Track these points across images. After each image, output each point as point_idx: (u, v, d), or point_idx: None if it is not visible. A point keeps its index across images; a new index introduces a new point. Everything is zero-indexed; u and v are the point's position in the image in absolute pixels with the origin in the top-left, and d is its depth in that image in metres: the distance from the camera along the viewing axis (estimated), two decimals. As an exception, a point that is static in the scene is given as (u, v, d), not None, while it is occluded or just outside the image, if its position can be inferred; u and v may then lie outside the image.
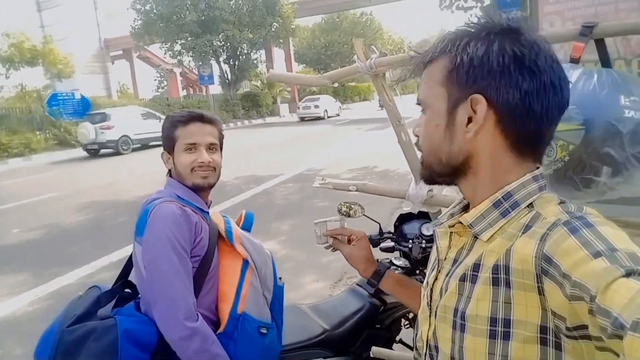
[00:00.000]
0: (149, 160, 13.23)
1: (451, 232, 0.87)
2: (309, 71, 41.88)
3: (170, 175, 1.62)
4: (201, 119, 1.57)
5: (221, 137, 1.64)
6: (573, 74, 1.19)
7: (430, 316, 0.88)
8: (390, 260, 2.37)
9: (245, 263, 1.54)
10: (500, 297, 0.72)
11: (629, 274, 0.56)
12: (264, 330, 1.54)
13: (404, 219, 2.44)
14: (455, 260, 0.84)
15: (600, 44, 1.24)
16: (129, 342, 1.35)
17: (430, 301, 0.88)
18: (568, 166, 1.20)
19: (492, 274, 0.73)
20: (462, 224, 0.82)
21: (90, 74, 29.82)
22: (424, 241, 2.25)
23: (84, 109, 20.06)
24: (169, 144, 1.58)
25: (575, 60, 1.23)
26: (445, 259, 0.87)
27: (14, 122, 18.06)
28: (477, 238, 0.80)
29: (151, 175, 10.34)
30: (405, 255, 2.35)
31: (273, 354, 1.64)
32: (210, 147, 1.57)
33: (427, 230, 2.29)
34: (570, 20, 3.37)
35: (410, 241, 2.26)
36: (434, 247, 0.91)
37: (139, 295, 1.60)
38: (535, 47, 0.74)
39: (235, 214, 1.74)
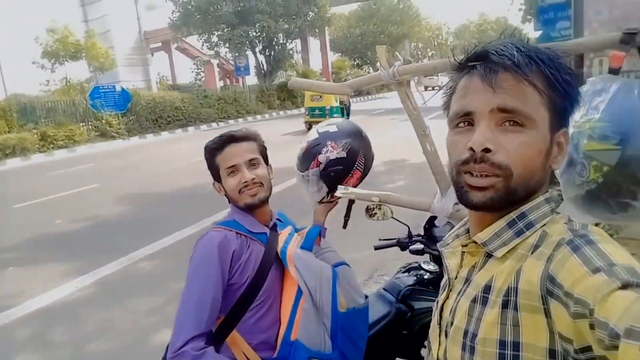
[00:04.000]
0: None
1: (463, 252, 0.86)
2: (344, 60, 41.58)
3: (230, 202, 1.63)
4: (234, 139, 1.56)
5: (262, 149, 1.63)
6: (611, 87, 1.10)
7: (440, 335, 0.88)
8: (419, 264, 2.31)
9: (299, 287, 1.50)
10: (508, 320, 0.72)
11: (625, 286, 0.57)
12: None
13: (434, 221, 2.37)
14: (466, 279, 0.83)
15: (642, 53, 1.14)
16: None
17: (440, 320, 0.88)
18: (602, 188, 1.11)
19: (503, 297, 0.73)
20: (476, 243, 0.81)
21: (131, 66, 30.46)
22: (455, 244, 2.19)
23: (125, 101, 20.57)
24: (214, 173, 1.60)
25: (614, 71, 1.13)
26: (457, 277, 0.86)
27: (59, 115, 18.71)
28: (489, 257, 0.80)
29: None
30: (435, 259, 2.29)
31: None
32: (251, 163, 1.56)
33: (458, 232, 2.22)
34: (618, 7, 3.14)
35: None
36: (444, 267, 0.90)
37: None
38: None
39: (272, 207, 1.73)
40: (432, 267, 2.26)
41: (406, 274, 2.31)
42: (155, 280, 4.70)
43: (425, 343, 1.14)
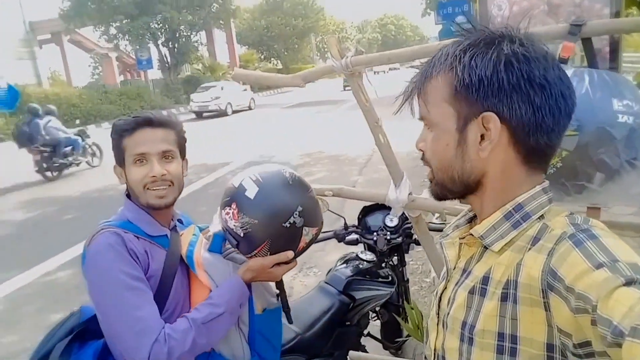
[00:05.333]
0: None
1: (460, 243, 0.88)
2: (252, 53, 41.16)
3: (128, 195, 1.39)
4: (150, 123, 1.32)
5: (181, 141, 1.40)
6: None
7: (438, 324, 0.89)
8: (357, 255, 2.34)
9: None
10: (507, 312, 0.72)
11: (629, 282, 0.57)
12: None
13: (367, 211, 2.41)
14: (464, 270, 0.84)
15: (587, 43, 1.22)
16: None
17: (439, 310, 0.89)
18: (561, 173, 1.17)
19: (502, 289, 0.74)
20: (473, 235, 0.82)
21: (16, 60, 27.77)
22: (388, 232, 2.24)
23: (13, 98, 18.65)
24: (118, 156, 1.35)
25: (564, 61, 1.19)
26: (455, 268, 0.88)
27: None
28: (486, 248, 0.81)
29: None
30: (370, 248, 2.33)
31: None
32: (165, 156, 1.33)
33: (390, 221, 2.27)
34: (517, 3, 3.41)
35: (375, 233, 2.24)
36: (443, 258, 0.92)
37: None
38: (542, 61, 0.74)
39: (188, 207, 1.55)
40: (369, 256, 2.29)
41: (345, 265, 2.32)
42: (69, 293, 4.31)
43: (365, 332, 1.12)
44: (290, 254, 1.32)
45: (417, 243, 2.08)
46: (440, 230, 1.94)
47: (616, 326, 0.54)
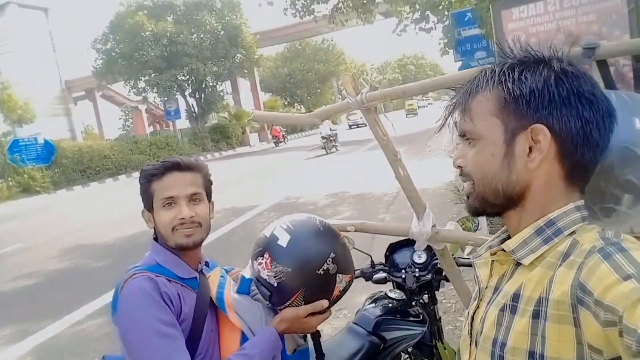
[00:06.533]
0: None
1: (492, 261, 0.88)
2: (276, 99, 42.09)
3: (156, 239, 1.41)
4: (178, 167, 1.35)
5: (207, 184, 1.43)
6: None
7: (470, 345, 0.88)
8: (385, 293, 2.28)
9: (244, 334, 1.34)
10: (539, 331, 0.72)
11: None
12: None
13: (395, 248, 2.37)
14: (496, 289, 0.85)
15: (602, 65, 1.20)
16: None
17: (471, 329, 0.89)
18: (586, 196, 1.13)
19: (534, 306, 0.73)
20: (505, 251, 0.83)
21: (53, 117, 29.15)
22: (417, 270, 2.18)
23: (48, 153, 19.51)
24: (147, 201, 1.37)
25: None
26: (487, 287, 0.88)
27: (-26, 173, 17.48)
28: (518, 266, 0.81)
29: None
30: (399, 286, 2.27)
31: None
32: (193, 199, 1.35)
33: (418, 257, 2.22)
34: (534, 35, 3.43)
35: (403, 271, 2.18)
36: (475, 278, 0.91)
37: None
38: (588, 78, 0.77)
39: (216, 251, 1.57)
40: (397, 294, 2.23)
41: (373, 304, 2.27)
42: (101, 341, 4.32)
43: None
44: (325, 302, 1.32)
45: (447, 280, 2.02)
46: (466, 265, 1.89)
47: None
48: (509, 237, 0.87)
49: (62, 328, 4.71)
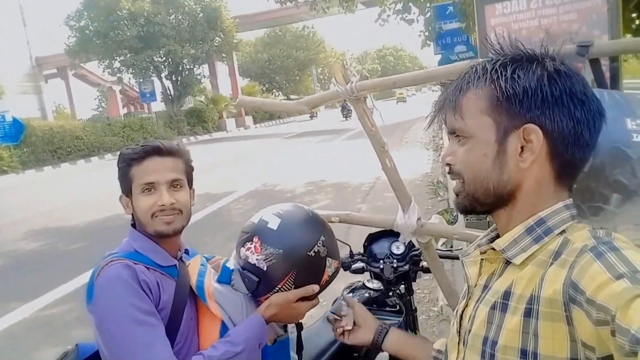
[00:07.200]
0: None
1: (482, 259, 0.88)
2: (254, 85, 41.61)
3: (134, 225, 1.37)
4: (159, 152, 1.31)
5: (188, 170, 1.39)
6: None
7: (459, 344, 0.88)
8: (363, 283, 2.29)
9: (224, 324, 1.30)
10: (530, 329, 0.72)
11: None
12: None
13: (373, 239, 2.37)
14: (485, 287, 0.84)
15: (595, 64, 1.20)
16: None
17: (460, 328, 0.89)
18: (576, 194, 1.14)
19: (526, 304, 0.73)
20: (494, 249, 0.83)
21: (22, 94, 28.18)
22: (395, 260, 2.19)
23: (17, 131, 18.87)
24: (125, 185, 1.33)
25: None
26: (476, 285, 0.87)
27: None
28: (508, 264, 0.81)
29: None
30: (377, 276, 2.27)
31: None
32: (174, 185, 1.31)
33: (397, 248, 2.23)
34: (517, 31, 3.46)
35: (381, 261, 2.19)
36: (464, 276, 0.91)
37: None
38: (580, 78, 0.78)
39: (191, 237, 1.52)
40: (375, 285, 2.23)
41: (351, 294, 2.27)
42: (71, 325, 4.23)
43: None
44: (315, 287, 1.30)
45: (425, 271, 2.03)
46: (449, 257, 1.91)
47: (634, 334, 0.54)
48: (497, 236, 0.87)
49: (31, 312, 4.60)
